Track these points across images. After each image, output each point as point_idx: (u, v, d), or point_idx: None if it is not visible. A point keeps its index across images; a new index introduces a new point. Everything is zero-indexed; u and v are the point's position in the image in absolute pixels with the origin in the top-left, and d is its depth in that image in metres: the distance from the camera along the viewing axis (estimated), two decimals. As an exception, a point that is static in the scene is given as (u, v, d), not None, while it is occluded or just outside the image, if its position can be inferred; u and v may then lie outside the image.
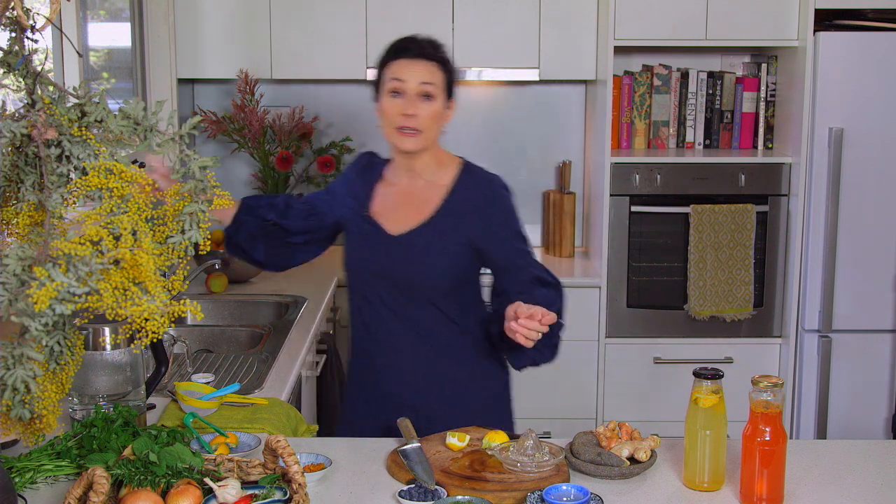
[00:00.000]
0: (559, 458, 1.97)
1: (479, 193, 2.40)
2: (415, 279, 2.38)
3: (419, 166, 2.42)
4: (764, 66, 4.03)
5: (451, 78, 2.39)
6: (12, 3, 1.59)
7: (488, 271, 2.43)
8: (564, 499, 1.83)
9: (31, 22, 1.64)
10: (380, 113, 2.38)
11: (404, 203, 2.43)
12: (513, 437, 2.10)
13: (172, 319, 1.66)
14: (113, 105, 1.71)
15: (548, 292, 2.33)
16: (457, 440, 2.07)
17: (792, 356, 3.85)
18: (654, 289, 3.91)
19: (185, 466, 1.77)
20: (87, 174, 1.64)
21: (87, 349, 2.03)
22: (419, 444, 2.02)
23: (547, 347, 2.30)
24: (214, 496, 1.73)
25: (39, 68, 1.67)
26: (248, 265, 3.68)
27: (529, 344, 2.14)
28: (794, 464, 1.99)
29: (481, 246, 2.38)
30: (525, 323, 2.12)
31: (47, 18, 1.64)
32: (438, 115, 2.36)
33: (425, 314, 2.40)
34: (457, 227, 2.38)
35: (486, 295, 2.48)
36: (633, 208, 3.86)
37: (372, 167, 2.53)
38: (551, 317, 2.13)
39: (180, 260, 1.69)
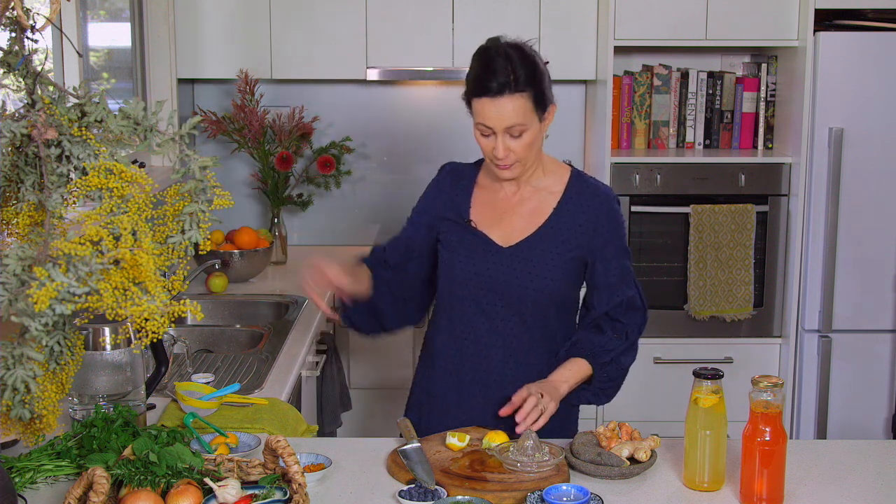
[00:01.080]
0: (559, 458, 1.97)
1: (589, 204, 2.33)
2: (528, 291, 2.29)
3: (524, 177, 2.33)
4: (764, 66, 4.03)
5: (540, 93, 2.22)
6: (12, 3, 1.59)
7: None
8: (564, 499, 1.83)
9: (31, 22, 1.64)
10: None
11: (510, 211, 2.34)
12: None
13: (172, 319, 1.66)
14: (113, 105, 1.71)
15: (610, 339, 2.31)
16: (457, 440, 2.07)
17: (792, 356, 3.85)
18: (654, 289, 3.91)
19: (185, 466, 1.77)
20: (87, 174, 1.64)
21: (87, 349, 2.03)
22: (419, 444, 2.02)
23: (599, 392, 2.34)
24: (214, 496, 1.73)
25: (39, 68, 1.67)
26: (248, 266, 3.69)
27: (538, 425, 2.12)
28: (794, 464, 1.99)
29: (588, 259, 2.32)
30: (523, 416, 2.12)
31: (47, 18, 1.64)
32: (533, 141, 2.23)
33: (527, 327, 2.31)
34: (568, 238, 2.30)
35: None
36: (633, 208, 3.86)
37: (460, 174, 2.41)
38: (538, 423, 2.12)
39: (180, 260, 1.69)
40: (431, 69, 3.96)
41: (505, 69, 2.16)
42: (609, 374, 2.32)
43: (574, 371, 2.29)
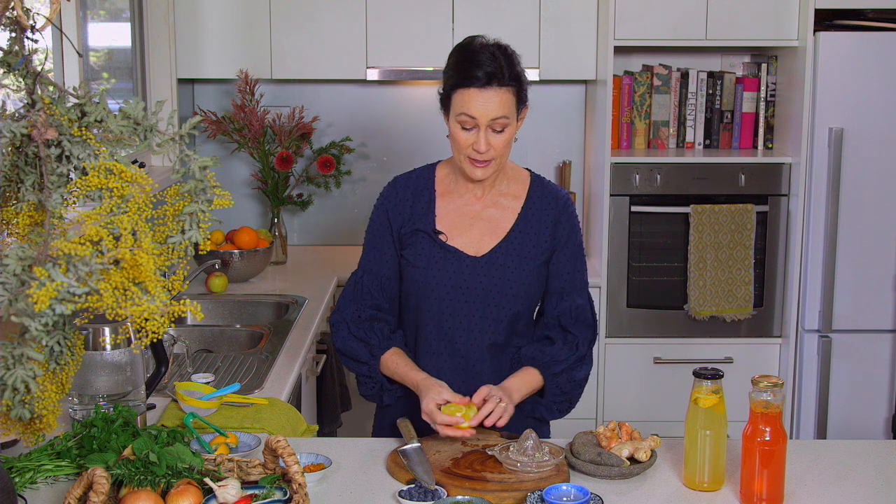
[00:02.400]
0: (559, 458, 1.97)
1: (551, 209, 2.32)
2: (506, 298, 2.28)
3: (488, 181, 2.31)
4: (764, 66, 4.03)
5: (523, 90, 2.23)
6: (12, 3, 1.59)
7: None
8: (564, 499, 1.83)
9: (31, 22, 1.64)
10: (450, 137, 2.24)
11: (476, 218, 2.32)
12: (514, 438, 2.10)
13: (172, 319, 1.66)
14: (113, 105, 1.71)
15: (561, 349, 2.29)
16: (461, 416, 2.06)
17: (792, 356, 3.85)
18: (654, 289, 3.91)
19: (185, 466, 1.77)
20: (87, 174, 1.64)
21: (87, 349, 2.03)
22: (419, 444, 2.02)
23: (552, 405, 2.32)
24: (214, 496, 1.73)
25: (39, 68, 1.66)
26: (248, 266, 3.69)
27: (500, 423, 2.12)
28: (794, 464, 1.99)
29: (550, 262, 2.32)
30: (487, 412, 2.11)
31: (47, 18, 1.64)
32: (511, 139, 2.23)
33: (502, 336, 2.31)
34: (537, 243, 2.30)
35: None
36: (633, 208, 3.86)
37: (416, 186, 2.35)
38: (501, 422, 2.10)
39: (180, 260, 1.68)
40: (431, 69, 3.96)
41: (492, 62, 2.16)
42: (561, 385, 2.29)
43: (526, 380, 2.26)
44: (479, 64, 2.16)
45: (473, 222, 2.32)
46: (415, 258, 2.31)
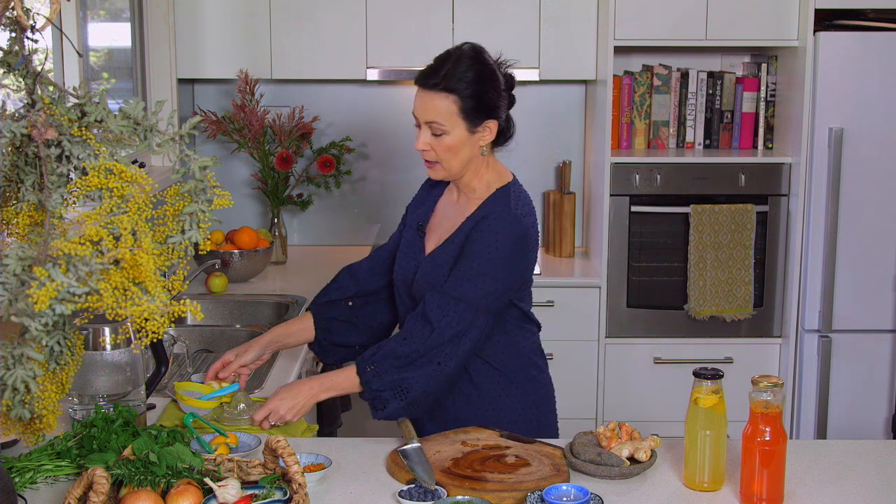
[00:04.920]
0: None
1: (480, 217, 2.27)
2: (420, 294, 2.32)
3: (461, 185, 2.35)
4: (764, 66, 4.03)
5: (473, 102, 2.21)
6: (12, 3, 1.59)
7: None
8: (564, 499, 1.83)
9: (31, 22, 1.64)
10: None
11: (448, 218, 2.38)
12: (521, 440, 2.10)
13: (172, 319, 1.66)
14: (113, 105, 1.71)
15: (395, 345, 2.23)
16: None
17: (792, 356, 3.85)
18: (654, 289, 3.91)
19: (185, 466, 1.77)
20: (87, 174, 1.64)
21: (87, 349, 2.03)
22: (419, 444, 2.02)
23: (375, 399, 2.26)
24: (214, 496, 1.73)
25: (39, 68, 1.66)
26: (248, 266, 3.69)
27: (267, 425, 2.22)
28: (794, 464, 1.99)
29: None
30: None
31: (47, 18, 1.64)
32: (457, 146, 2.23)
33: None
34: (458, 251, 2.29)
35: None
36: (633, 208, 3.86)
37: (437, 182, 2.44)
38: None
39: (180, 260, 1.69)
40: (431, 69, 3.95)
41: (442, 67, 2.21)
42: (369, 361, 2.23)
43: (335, 375, 2.28)
44: (431, 66, 2.24)
45: (444, 222, 2.38)
46: (400, 246, 2.46)
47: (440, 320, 2.19)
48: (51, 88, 1.68)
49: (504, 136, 2.34)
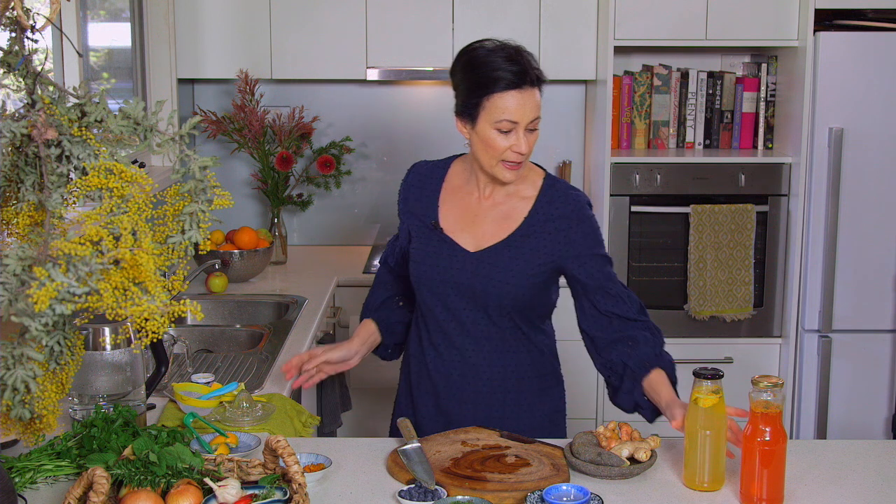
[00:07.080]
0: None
1: (561, 211, 2.26)
2: (491, 296, 2.26)
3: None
4: (764, 66, 4.03)
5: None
6: (12, 3, 1.59)
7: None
8: (564, 499, 1.83)
9: (31, 22, 1.64)
10: (479, 142, 2.20)
11: (482, 216, 2.30)
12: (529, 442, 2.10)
13: (172, 319, 1.66)
14: (113, 105, 1.71)
15: (647, 340, 2.31)
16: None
17: (792, 356, 3.85)
18: (654, 289, 3.91)
19: (185, 466, 1.77)
20: (87, 174, 1.64)
21: (87, 349, 2.03)
22: (419, 444, 2.02)
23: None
24: (214, 496, 1.73)
25: (39, 68, 1.66)
26: (248, 266, 3.69)
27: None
28: (794, 464, 1.99)
29: (564, 266, 2.27)
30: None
31: (47, 18, 1.64)
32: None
33: (497, 328, 2.30)
34: (539, 248, 2.25)
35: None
36: (633, 208, 3.86)
37: (427, 176, 2.40)
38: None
39: (180, 260, 1.69)
40: (431, 69, 3.96)
41: (522, 63, 2.15)
42: (673, 365, 2.29)
43: (666, 383, 2.22)
44: (519, 65, 2.14)
45: (478, 220, 2.31)
46: (415, 252, 2.35)
47: (629, 294, 2.31)
48: (51, 88, 1.68)
49: None
